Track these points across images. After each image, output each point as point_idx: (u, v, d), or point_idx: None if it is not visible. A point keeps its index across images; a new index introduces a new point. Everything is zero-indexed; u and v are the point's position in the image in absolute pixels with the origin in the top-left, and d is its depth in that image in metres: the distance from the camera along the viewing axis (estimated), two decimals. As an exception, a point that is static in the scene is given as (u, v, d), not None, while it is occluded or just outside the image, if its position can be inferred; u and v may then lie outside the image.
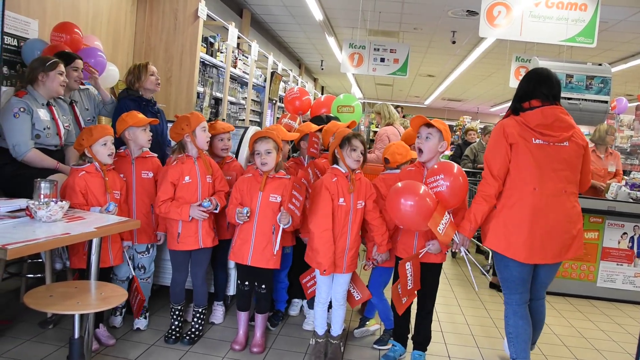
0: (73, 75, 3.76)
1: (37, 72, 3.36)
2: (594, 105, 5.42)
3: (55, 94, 3.48)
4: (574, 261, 5.20)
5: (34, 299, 2.28)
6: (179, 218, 3.18)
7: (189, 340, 3.31)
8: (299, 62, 15.34)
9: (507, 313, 3.12)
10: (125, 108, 3.70)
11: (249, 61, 7.97)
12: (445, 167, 3.00)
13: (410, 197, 2.83)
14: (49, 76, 3.37)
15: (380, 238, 3.21)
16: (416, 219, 2.85)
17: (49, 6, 4.29)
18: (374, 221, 3.20)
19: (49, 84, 3.39)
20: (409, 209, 2.82)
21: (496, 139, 3.01)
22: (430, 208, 2.82)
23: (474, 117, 19.65)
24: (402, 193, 2.86)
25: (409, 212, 2.83)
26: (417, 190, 2.85)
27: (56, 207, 2.49)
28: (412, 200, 2.82)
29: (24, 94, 3.33)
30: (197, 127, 3.23)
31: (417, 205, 2.81)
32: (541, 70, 3.10)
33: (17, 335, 3.18)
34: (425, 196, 2.84)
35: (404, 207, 2.83)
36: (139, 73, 3.93)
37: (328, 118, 4.22)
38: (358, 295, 3.36)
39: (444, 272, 5.65)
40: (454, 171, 2.96)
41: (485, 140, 6.88)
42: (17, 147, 3.23)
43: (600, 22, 5.87)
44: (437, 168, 3.00)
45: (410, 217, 2.85)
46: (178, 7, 5.61)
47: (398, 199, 2.85)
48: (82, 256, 3.00)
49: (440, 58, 12.60)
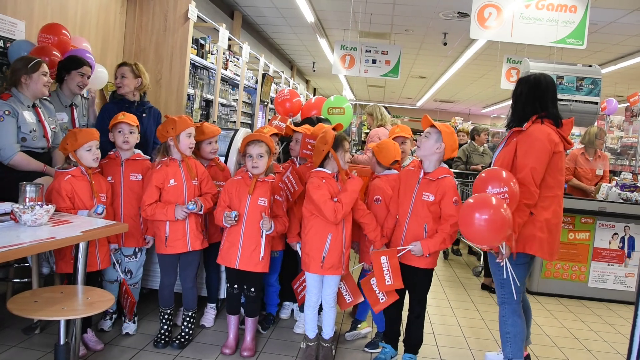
0: (77, 79, 3.77)
1: (19, 74, 3.30)
2: (585, 107, 5.44)
3: (40, 95, 3.42)
4: (565, 262, 5.20)
5: (18, 304, 2.25)
6: (165, 219, 3.15)
7: (179, 345, 3.27)
8: (290, 64, 15.31)
9: (506, 313, 3.11)
10: (106, 112, 3.76)
11: (240, 63, 7.93)
12: (506, 178, 2.82)
13: (486, 210, 2.66)
14: (32, 78, 3.32)
15: (372, 234, 3.20)
16: (493, 234, 2.69)
17: (36, 7, 4.24)
18: (362, 218, 3.20)
19: (32, 86, 3.33)
20: (484, 223, 2.64)
21: (543, 149, 2.94)
22: (506, 219, 2.66)
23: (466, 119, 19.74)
24: (477, 207, 2.69)
25: (483, 227, 2.65)
26: (490, 202, 2.69)
27: (41, 211, 2.46)
28: (487, 214, 2.64)
29: (9, 96, 3.27)
30: (182, 133, 3.19)
31: (492, 219, 2.65)
32: (550, 78, 3.17)
33: (2, 341, 3.13)
34: (500, 207, 2.67)
35: (478, 221, 2.65)
36: (115, 73, 3.94)
37: (319, 120, 4.20)
38: (350, 298, 3.34)
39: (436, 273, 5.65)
40: (513, 180, 2.83)
41: (479, 141, 6.87)
42: (3, 151, 3.18)
43: (590, 24, 5.89)
44: (504, 178, 2.80)
45: (487, 231, 2.68)
46: (168, 8, 5.56)
47: (472, 214, 2.68)
48: (69, 260, 2.96)
49: (431, 60, 12.62)
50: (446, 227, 3.04)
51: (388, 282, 3.06)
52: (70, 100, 3.86)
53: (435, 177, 3.08)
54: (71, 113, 3.84)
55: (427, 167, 3.14)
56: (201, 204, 3.19)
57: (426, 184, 3.09)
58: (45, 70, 3.38)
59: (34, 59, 3.36)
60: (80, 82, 3.82)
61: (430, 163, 3.13)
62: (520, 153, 2.97)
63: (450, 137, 3.11)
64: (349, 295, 3.34)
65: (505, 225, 2.65)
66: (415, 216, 3.10)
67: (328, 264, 3.12)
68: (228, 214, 3.08)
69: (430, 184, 3.08)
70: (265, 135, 3.25)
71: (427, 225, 3.08)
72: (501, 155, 3.11)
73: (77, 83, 3.79)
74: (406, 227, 3.13)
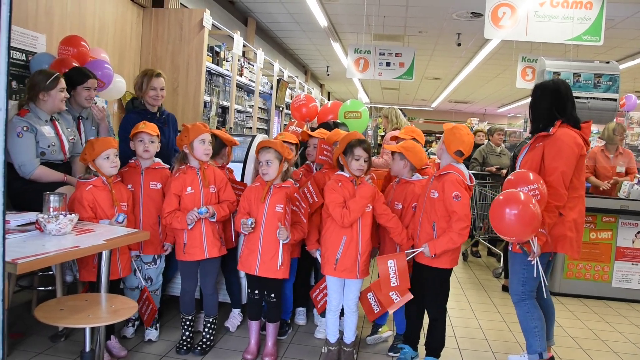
0: (84, 94, 3.71)
1: (37, 89, 3.31)
2: (603, 104, 5.39)
3: (58, 110, 3.44)
4: (588, 262, 5.14)
5: (44, 312, 2.28)
6: (181, 227, 3.19)
7: (200, 351, 3.30)
8: (304, 69, 15.36)
9: (529, 308, 3.17)
10: (129, 122, 3.67)
11: (255, 69, 7.98)
12: (534, 179, 2.94)
13: (514, 205, 2.78)
14: (50, 95, 3.33)
15: (399, 238, 3.20)
16: (523, 228, 2.80)
17: (56, 20, 4.32)
18: (388, 223, 3.20)
19: (50, 102, 3.35)
20: (514, 217, 2.77)
21: (571, 152, 3.04)
22: (535, 214, 2.77)
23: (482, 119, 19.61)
24: (507, 203, 2.82)
25: (513, 221, 2.78)
26: (519, 197, 2.81)
27: (65, 220, 2.50)
28: (516, 209, 2.77)
29: (26, 112, 3.29)
30: (194, 139, 3.22)
31: (521, 214, 2.76)
32: (567, 83, 3.29)
33: (29, 348, 3.18)
34: (529, 202, 2.78)
35: (508, 216, 2.78)
36: (141, 81, 3.87)
37: (335, 124, 4.20)
38: (378, 308, 3.32)
39: (456, 275, 5.62)
40: (541, 181, 2.94)
41: (494, 141, 6.83)
42: (23, 167, 3.21)
43: (607, 20, 5.83)
44: (532, 179, 2.93)
45: (517, 225, 2.80)
46: (183, 17, 5.63)
47: (503, 209, 2.81)
48: (92, 269, 3.00)
49: (446, 60, 12.58)
50: (451, 225, 3.02)
51: (394, 284, 3.05)
52: (78, 112, 3.83)
53: (439, 174, 3.11)
54: (78, 126, 3.83)
55: (440, 166, 3.18)
56: (213, 211, 3.20)
57: (435, 180, 3.13)
58: (63, 86, 3.39)
59: (52, 74, 3.36)
60: (88, 96, 3.75)
61: (442, 162, 3.18)
62: (548, 157, 3.07)
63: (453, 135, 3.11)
64: (376, 305, 3.32)
65: (535, 220, 2.75)
66: (426, 215, 3.12)
67: (342, 266, 3.13)
68: (244, 220, 3.09)
69: (436, 181, 3.11)
70: (274, 141, 3.25)
71: (435, 223, 3.07)
72: (527, 159, 3.19)
73: (84, 97, 3.73)
74: (420, 226, 3.16)
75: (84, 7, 4.69)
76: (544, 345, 3.18)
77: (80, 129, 3.81)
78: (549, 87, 3.25)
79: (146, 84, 3.86)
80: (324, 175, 3.52)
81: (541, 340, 3.16)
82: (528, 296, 3.17)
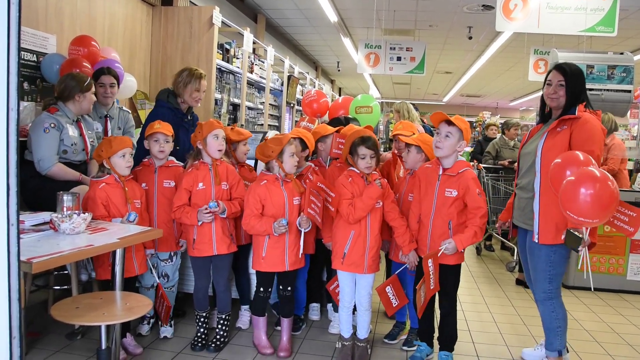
0: (99, 91, 3.81)
1: (74, 91, 3.43)
2: (617, 95, 5.33)
3: (86, 112, 3.59)
4: (602, 254, 5.09)
5: (60, 311, 2.31)
6: (190, 223, 3.20)
7: (215, 348, 3.31)
8: (315, 65, 15.35)
9: (555, 307, 3.10)
10: (159, 115, 3.63)
11: (265, 66, 7.99)
12: (584, 160, 2.71)
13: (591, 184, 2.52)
14: (85, 97, 3.48)
15: (400, 239, 3.18)
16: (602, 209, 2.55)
17: (66, 21, 4.35)
18: (393, 222, 3.19)
19: (84, 104, 3.49)
20: (590, 198, 2.50)
21: (601, 136, 2.96)
22: (616, 194, 2.54)
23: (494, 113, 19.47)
24: (582, 182, 2.55)
25: (591, 203, 2.51)
26: (595, 175, 2.54)
27: (79, 219, 2.52)
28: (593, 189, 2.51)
29: (55, 110, 3.40)
30: (208, 135, 3.22)
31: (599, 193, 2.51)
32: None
33: (46, 346, 3.22)
34: (607, 180, 2.52)
35: (586, 197, 2.51)
36: (186, 80, 3.80)
37: (346, 120, 4.19)
38: (396, 302, 3.31)
39: (469, 270, 5.60)
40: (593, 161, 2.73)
41: (509, 135, 6.79)
42: (42, 162, 3.29)
43: (621, 10, 5.75)
44: (582, 159, 2.69)
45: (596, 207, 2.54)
46: (193, 15, 5.64)
47: (577, 188, 2.54)
48: (108, 267, 3.03)
49: (457, 54, 12.50)
50: (476, 220, 3.00)
51: (431, 286, 3.04)
52: (104, 111, 3.94)
53: (456, 172, 3.05)
54: (105, 124, 3.91)
55: (446, 164, 3.10)
56: (224, 207, 3.21)
57: (447, 180, 3.06)
58: (94, 90, 3.55)
59: (86, 79, 3.50)
60: (104, 92, 3.85)
61: (449, 159, 3.10)
62: (579, 141, 2.91)
63: (468, 132, 3.09)
64: (395, 299, 3.31)
65: (614, 200, 2.52)
66: (440, 213, 3.07)
67: (349, 260, 3.13)
68: (280, 222, 3.05)
69: (451, 180, 3.05)
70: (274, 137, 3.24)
71: (451, 221, 3.05)
72: (551, 145, 3.00)
73: (100, 94, 3.83)
74: (431, 225, 3.10)
75: (93, 7, 4.72)
76: (564, 343, 3.14)
77: (108, 127, 3.88)
78: (573, 68, 3.08)
79: (193, 84, 3.81)
80: (338, 169, 3.53)
81: (562, 339, 3.12)
82: (555, 294, 3.09)
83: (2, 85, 1.31)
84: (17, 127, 1.33)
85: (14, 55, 1.31)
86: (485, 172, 6.42)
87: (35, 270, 1.99)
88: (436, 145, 3.08)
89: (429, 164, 3.20)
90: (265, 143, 3.18)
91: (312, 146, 3.56)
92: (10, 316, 1.37)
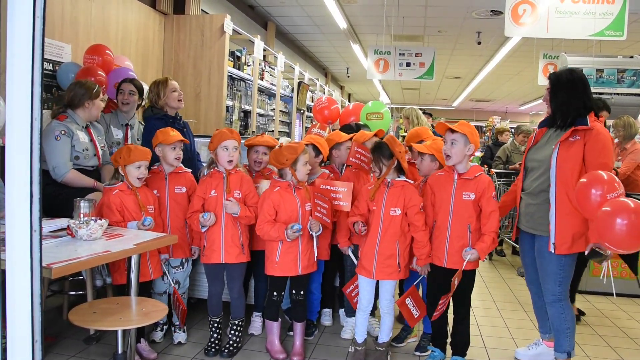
0: (118, 97, 3.98)
1: (84, 99, 3.51)
2: (627, 99, 5.32)
3: (95, 119, 3.66)
4: (615, 259, 5.06)
5: (78, 315, 2.35)
6: (197, 229, 3.25)
7: (228, 353, 3.33)
8: (324, 71, 15.40)
9: (563, 309, 3.11)
10: (154, 128, 3.66)
11: (276, 72, 8.04)
12: (608, 179, 2.75)
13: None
14: (95, 104, 3.56)
15: (418, 252, 3.20)
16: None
17: (80, 30, 4.43)
18: (415, 233, 3.18)
19: (93, 110, 3.57)
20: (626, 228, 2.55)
21: (611, 147, 3.00)
22: None
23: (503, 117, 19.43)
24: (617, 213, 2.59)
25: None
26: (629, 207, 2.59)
27: (96, 225, 2.56)
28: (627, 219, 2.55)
29: (64, 117, 3.48)
30: (218, 147, 3.25)
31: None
32: None
33: (62, 351, 3.26)
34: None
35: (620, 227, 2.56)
36: (157, 90, 3.86)
37: (357, 126, 4.21)
38: (417, 312, 3.32)
39: (480, 274, 5.59)
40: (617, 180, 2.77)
41: (519, 140, 6.78)
42: (57, 169, 3.35)
43: (630, 14, 5.74)
44: (616, 184, 2.72)
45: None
46: (204, 23, 5.71)
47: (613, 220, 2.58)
48: (124, 272, 3.06)
49: (466, 59, 12.51)
50: (492, 225, 3.03)
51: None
52: (126, 120, 4.03)
53: (472, 176, 3.08)
54: (125, 132, 3.99)
55: (461, 169, 3.12)
56: (238, 207, 3.22)
57: (464, 184, 3.08)
58: (103, 97, 3.65)
59: (95, 86, 3.58)
60: (122, 99, 3.97)
61: (462, 164, 3.12)
62: (594, 153, 2.92)
63: (474, 134, 3.09)
64: (415, 310, 3.32)
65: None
66: (458, 218, 3.09)
67: (360, 264, 3.22)
68: (292, 228, 3.09)
69: (468, 183, 3.08)
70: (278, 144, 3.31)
71: (470, 225, 3.07)
72: (566, 156, 2.99)
73: (120, 100, 3.97)
74: (449, 230, 3.11)
75: (107, 16, 4.79)
76: (573, 344, 3.16)
77: (128, 135, 3.96)
78: (576, 73, 3.09)
79: (164, 89, 3.85)
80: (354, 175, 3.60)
81: (571, 340, 3.13)
82: (563, 297, 3.11)
83: (26, 95, 1.35)
84: (39, 136, 1.37)
85: (38, 67, 1.36)
86: (497, 177, 6.41)
87: (55, 276, 2.03)
88: (446, 154, 3.12)
89: (441, 172, 3.23)
90: (280, 150, 3.20)
91: (325, 152, 3.58)
92: (32, 320, 1.40)
